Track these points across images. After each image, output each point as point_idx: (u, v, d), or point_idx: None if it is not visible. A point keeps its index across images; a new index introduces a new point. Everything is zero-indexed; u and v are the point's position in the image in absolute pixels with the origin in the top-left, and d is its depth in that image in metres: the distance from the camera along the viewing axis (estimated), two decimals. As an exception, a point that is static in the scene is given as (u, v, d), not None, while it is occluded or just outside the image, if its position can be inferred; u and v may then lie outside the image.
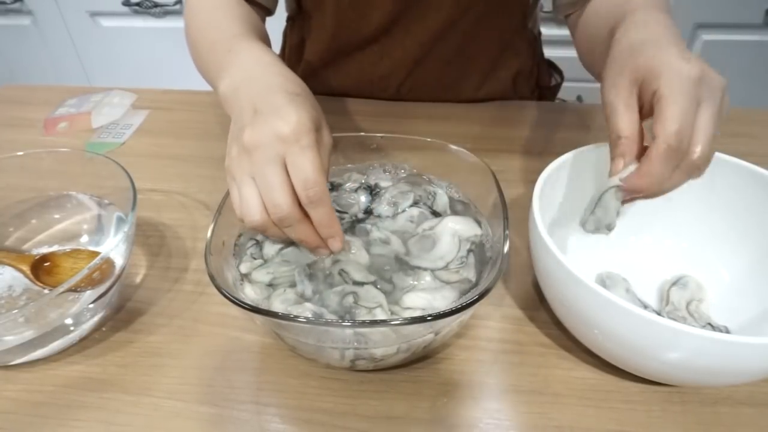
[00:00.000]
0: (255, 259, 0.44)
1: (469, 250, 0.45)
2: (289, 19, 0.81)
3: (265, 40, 0.58)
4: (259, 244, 0.45)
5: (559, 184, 0.48)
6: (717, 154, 0.46)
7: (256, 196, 0.39)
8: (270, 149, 0.38)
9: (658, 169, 0.35)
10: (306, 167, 0.37)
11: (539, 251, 0.41)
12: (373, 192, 0.50)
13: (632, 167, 0.38)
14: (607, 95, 0.39)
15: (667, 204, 0.48)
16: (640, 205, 0.42)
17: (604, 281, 0.48)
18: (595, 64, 0.53)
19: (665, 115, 0.34)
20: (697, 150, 0.35)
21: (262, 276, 0.43)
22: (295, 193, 0.38)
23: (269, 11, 0.66)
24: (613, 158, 0.38)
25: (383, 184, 0.51)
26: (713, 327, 0.44)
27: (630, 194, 0.38)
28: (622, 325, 0.36)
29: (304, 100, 0.41)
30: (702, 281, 0.48)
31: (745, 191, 0.46)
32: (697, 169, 0.37)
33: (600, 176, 0.49)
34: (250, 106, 0.40)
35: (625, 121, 0.37)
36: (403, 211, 0.48)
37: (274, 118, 0.38)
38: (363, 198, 0.50)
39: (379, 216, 0.49)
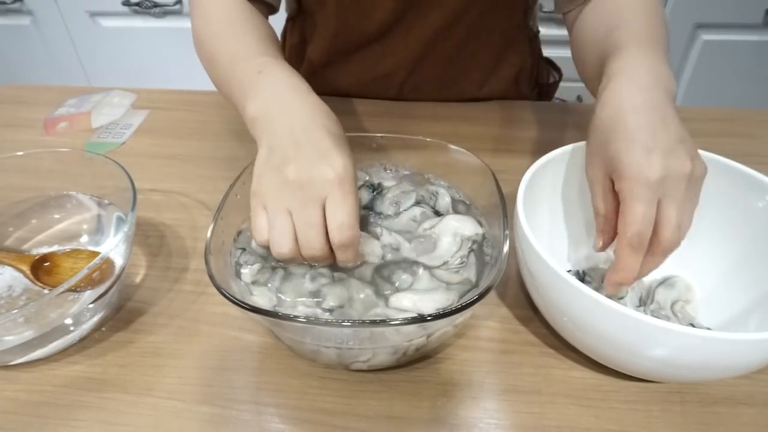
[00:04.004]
0: (250, 265, 0.44)
1: (471, 250, 0.45)
2: (289, 19, 0.81)
3: (281, 50, 0.57)
4: (245, 251, 0.45)
5: (546, 182, 0.48)
6: (704, 153, 0.46)
7: (290, 230, 0.40)
8: (316, 189, 0.39)
9: (625, 264, 0.40)
10: (345, 212, 0.39)
11: (522, 244, 0.42)
12: (376, 190, 0.50)
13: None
14: (588, 171, 0.44)
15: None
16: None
17: (582, 276, 0.49)
18: (587, 82, 0.55)
19: (626, 219, 0.39)
20: (664, 239, 0.40)
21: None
22: (327, 234, 0.40)
23: (273, 9, 0.66)
24: (597, 232, 0.44)
25: (387, 183, 0.51)
26: (695, 327, 0.44)
27: (617, 287, 0.42)
28: (595, 317, 0.37)
29: (345, 143, 0.43)
30: (691, 282, 0.48)
31: (730, 189, 0.47)
32: (669, 252, 0.41)
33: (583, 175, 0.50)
34: (290, 137, 0.41)
35: (600, 200, 0.43)
36: (405, 210, 0.48)
37: (323, 161, 0.40)
38: (365, 195, 0.50)
39: (380, 214, 0.49)
